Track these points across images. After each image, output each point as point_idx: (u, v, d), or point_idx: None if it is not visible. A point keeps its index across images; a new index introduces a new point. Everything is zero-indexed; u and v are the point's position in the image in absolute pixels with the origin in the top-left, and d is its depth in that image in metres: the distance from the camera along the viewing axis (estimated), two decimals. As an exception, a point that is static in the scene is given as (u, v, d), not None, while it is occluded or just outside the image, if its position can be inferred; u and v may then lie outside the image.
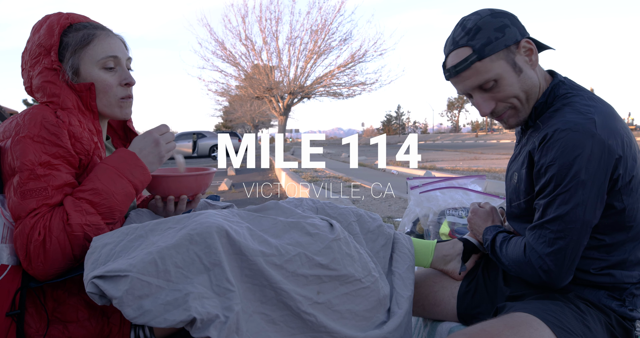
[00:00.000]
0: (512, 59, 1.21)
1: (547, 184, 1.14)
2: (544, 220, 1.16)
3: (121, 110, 1.33)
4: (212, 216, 1.05)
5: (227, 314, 0.94)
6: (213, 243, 0.98)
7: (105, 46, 1.27)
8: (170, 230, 1.04)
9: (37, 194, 1.12)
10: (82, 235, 1.12)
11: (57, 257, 1.11)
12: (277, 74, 24.82)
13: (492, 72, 1.20)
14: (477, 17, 1.22)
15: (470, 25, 1.21)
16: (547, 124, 1.19)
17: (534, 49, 1.22)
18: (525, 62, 1.22)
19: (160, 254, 0.97)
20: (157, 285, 0.95)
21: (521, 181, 1.26)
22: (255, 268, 1.02)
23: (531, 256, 1.18)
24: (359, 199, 6.04)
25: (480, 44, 1.19)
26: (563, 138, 1.11)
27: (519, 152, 1.33)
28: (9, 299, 1.10)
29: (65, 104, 1.23)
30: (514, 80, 1.21)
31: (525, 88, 1.23)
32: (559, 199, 1.13)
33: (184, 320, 0.92)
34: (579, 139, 1.10)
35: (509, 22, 1.21)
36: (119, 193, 1.17)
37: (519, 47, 1.21)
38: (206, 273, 0.98)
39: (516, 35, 1.20)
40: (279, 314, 1.04)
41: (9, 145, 1.15)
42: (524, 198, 1.26)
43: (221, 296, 0.96)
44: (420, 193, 2.25)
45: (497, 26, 1.20)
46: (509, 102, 1.24)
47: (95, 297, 0.97)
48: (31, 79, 1.25)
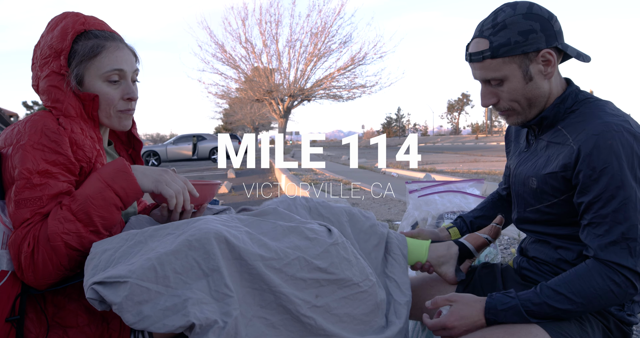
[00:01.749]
0: (526, 65, 1.19)
1: (604, 190, 1.09)
2: (618, 230, 1.08)
3: (120, 122, 1.31)
4: (210, 222, 1.06)
5: (226, 319, 0.95)
6: (211, 249, 0.99)
7: (112, 59, 1.26)
8: (169, 236, 1.05)
9: (31, 203, 1.10)
10: (62, 244, 1.08)
11: (47, 268, 1.09)
12: (277, 77, 24.84)
13: (500, 73, 1.20)
14: (510, 12, 1.18)
15: (500, 19, 1.18)
16: (580, 128, 1.15)
17: (553, 61, 1.18)
18: (540, 71, 1.20)
19: (159, 260, 0.97)
20: (156, 290, 0.96)
21: (545, 184, 1.22)
22: (254, 272, 1.03)
23: (615, 276, 1.07)
24: (359, 202, 6.04)
25: (498, 42, 1.17)
26: (611, 138, 1.08)
27: (533, 155, 1.30)
28: (9, 305, 1.10)
29: (68, 112, 1.22)
30: (519, 86, 1.21)
31: (529, 96, 1.22)
32: (627, 205, 1.07)
33: (183, 326, 0.93)
34: (627, 139, 1.08)
35: (538, 27, 1.16)
36: (95, 197, 1.12)
37: (537, 56, 1.18)
38: (205, 279, 0.98)
39: (539, 44, 1.16)
40: (279, 318, 1.04)
41: (10, 152, 1.15)
42: (549, 201, 1.23)
43: (220, 301, 0.97)
44: (418, 197, 2.26)
45: (523, 30, 1.16)
46: (509, 104, 1.24)
47: (95, 303, 0.98)
48: (39, 79, 1.25)
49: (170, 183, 1.20)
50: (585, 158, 1.10)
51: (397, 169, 11.46)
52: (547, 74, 1.20)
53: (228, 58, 24.34)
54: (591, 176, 1.10)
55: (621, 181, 1.07)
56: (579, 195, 1.13)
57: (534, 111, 1.25)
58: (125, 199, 1.17)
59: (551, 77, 1.21)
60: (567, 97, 1.23)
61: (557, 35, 1.18)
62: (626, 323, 1.22)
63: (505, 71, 1.19)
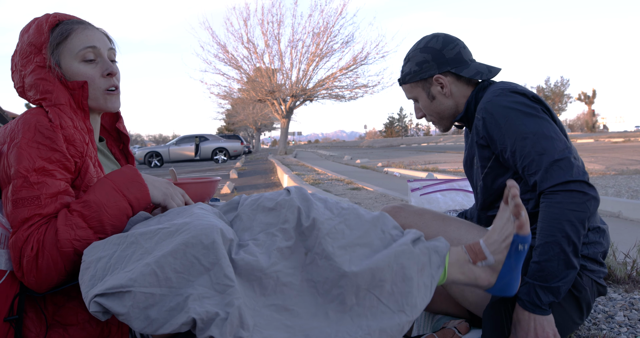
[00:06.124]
0: (427, 88, 1.50)
1: (515, 137, 1.28)
2: (544, 160, 1.23)
3: (107, 102, 1.29)
4: (204, 218, 1.05)
5: (228, 310, 0.92)
6: (210, 243, 0.98)
7: (83, 38, 1.25)
8: (161, 231, 1.03)
9: (30, 203, 1.09)
10: (72, 251, 1.09)
11: (50, 272, 1.08)
12: (279, 77, 24.85)
13: (412, 94, 1.54)
14: (413, 47, 1.52)
15: (408, 53, 1.54)
16: (479, 106, 1.39)
17: (445, 84, 1.47)
18: (439, 92, 1.49)
19: (158, 263, 0.96)
20: (160, 293, 0.94)
21: (474, 157, 1.45)
22: (242, 264, 1.01)
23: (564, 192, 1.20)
24: (361, 202, 6.03)
25: (404, 72, 1.53)
26: (498, 100, 1.33)
27: (466, 143, 1.55)
28: (7, 304, 1.10)
29: (59, 100, 1.21)
30: (427, 104, 1.53)
31: (437, 111, 1.53)
32: (538, 138, 1.26)
33: (185, 322, 0.91)
34: (507, 94, 1.33)
35: (430, 58, 1.47)
36: (111, 206, 1.13)
37: (433, 80, 1.48)
38: (207, 274, 0.97)
39: (432, 71, 1.47)
40: (292, 301, 1.01)
41: (4, 151, 1.15)
42: (483, 172, 1.42)
43: (222, 293, 0.95)
44: (421, 195, 2.25)
45: (418, 61, 1.49)
46: (429, 117, 1.57)
47: (99, 315, 0.96)
48: (23, 78, 1.24)
49: (174, 196, 1.24)
50: (488, 121, 1.34)
51: (400, 169, 11.44)
52: (445, 93, 1.49)
53: (230, 58, 24.37)
54: (500, 132, 1.32)
55: (522, 124, 1.28)
56: (502, 152, 1.33)
57: (446, 122, 1.55)
58: (136, 210, 1.18)
59: (450, 95, 1.49)
60: (469, 103, 1.47)
61: (450, 61, 1.46)
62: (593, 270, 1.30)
63: (414, 93, 1.53)
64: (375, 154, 22.70)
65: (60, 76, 1.23)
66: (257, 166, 16.88)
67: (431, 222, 1.38)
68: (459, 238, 1.33)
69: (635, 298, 1.87)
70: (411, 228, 1.35)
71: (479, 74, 1.45)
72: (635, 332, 1.58)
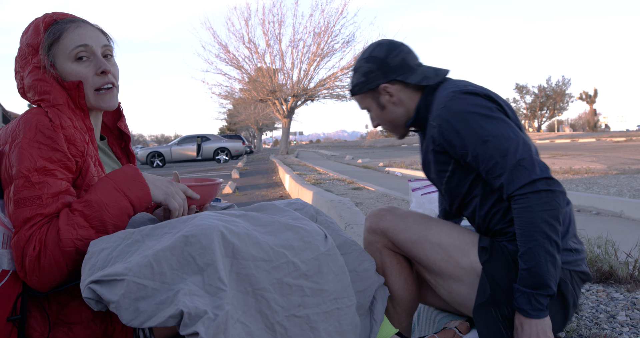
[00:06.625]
0: (377, 98, 1.47)
1: (474, 141, 1.27)
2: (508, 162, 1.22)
3: (102, 101, 1.28)
4: (207, 219, 1.05)
5: (217, 312, 0.92)
6: (208, 244, 0.98)
7: (74, 37, 1.24)
8: (167, 234, 1.04)
9: (31, 202, 1.10)
10: (74, 250, 1.09)
11: (53, 272, 1.09)
12: (281, 77, 24.86)
13: (363, 105, 1.52)
14: (359, 58, 1.49)
15: (355, 64, 1.50)
16: (433, 111, 1.38)
17: (393, 92, 1.44)
18: (388, 100, 1.46)
19: (155, 257, 0.97)
20: (153, 287, 0.95)
21: (432, 162, 1.42)
22: (243, 272, 1.01)
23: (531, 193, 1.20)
24: (362, 201, 6.03)
25: (353, 84, 1.51)
26: (452, 105, 1.31)
27: (424, 154, 1.50)
28: (10, 304, 1.10)
29: (57, 101, 1.21)
30: (378, 113, 1.50)
31: (389, 119, 1.50)
32: (499, 140, 1.24)
33: (173, 315, 0.91)
34: (461, 97, 1.31)
35: (375, 68, 1.43)
36: (112, 206, 1.13)
37: (380, 89, 1.44)
38: (200, 274, 0.97)
39: (378, 80, 1.44)
40: (256, 327, 1.01)
41: (6, 151, 1.15)
42: (445, 176, 1.41)
43: (213, 295, 0.95)
44: (421, 195, 2.24)
45: (364, 71, 1.45)
46: (383, 126, 1.55)
47: (92, 302, 0.97)
48: (23, 79, 1.24)
49: (175, 195, 1.23)
50: (445, 128, 1.32)
51: (401, 168, 11.44)
52: (394, 101, 1.46)
53: (231, 58, 24.38)
54: (459, 138, 1.29)
55: (480, 127, 1.26)
56: (462, 157, 1.32)
57: (400, 130, 1.52)
58: (138, 209, 1.18)
59: (400, 102, 1.45)
60: (419, 108, 1.44)
61: (396, 69, 1.43)
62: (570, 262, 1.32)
63: (365, 103, 1.51)
64: (376, 154, 22.70)
65: (56, 77, 1.23)
66: (259, 166, 16.89)
67: (413, 226, 1.40)
68: (439, 243, 1.36)
69: (637, 298, 1.86)
70: (394, 231, 1.40)
71: (426, 79, 1.42)
72: (637, 331, 1.58)
